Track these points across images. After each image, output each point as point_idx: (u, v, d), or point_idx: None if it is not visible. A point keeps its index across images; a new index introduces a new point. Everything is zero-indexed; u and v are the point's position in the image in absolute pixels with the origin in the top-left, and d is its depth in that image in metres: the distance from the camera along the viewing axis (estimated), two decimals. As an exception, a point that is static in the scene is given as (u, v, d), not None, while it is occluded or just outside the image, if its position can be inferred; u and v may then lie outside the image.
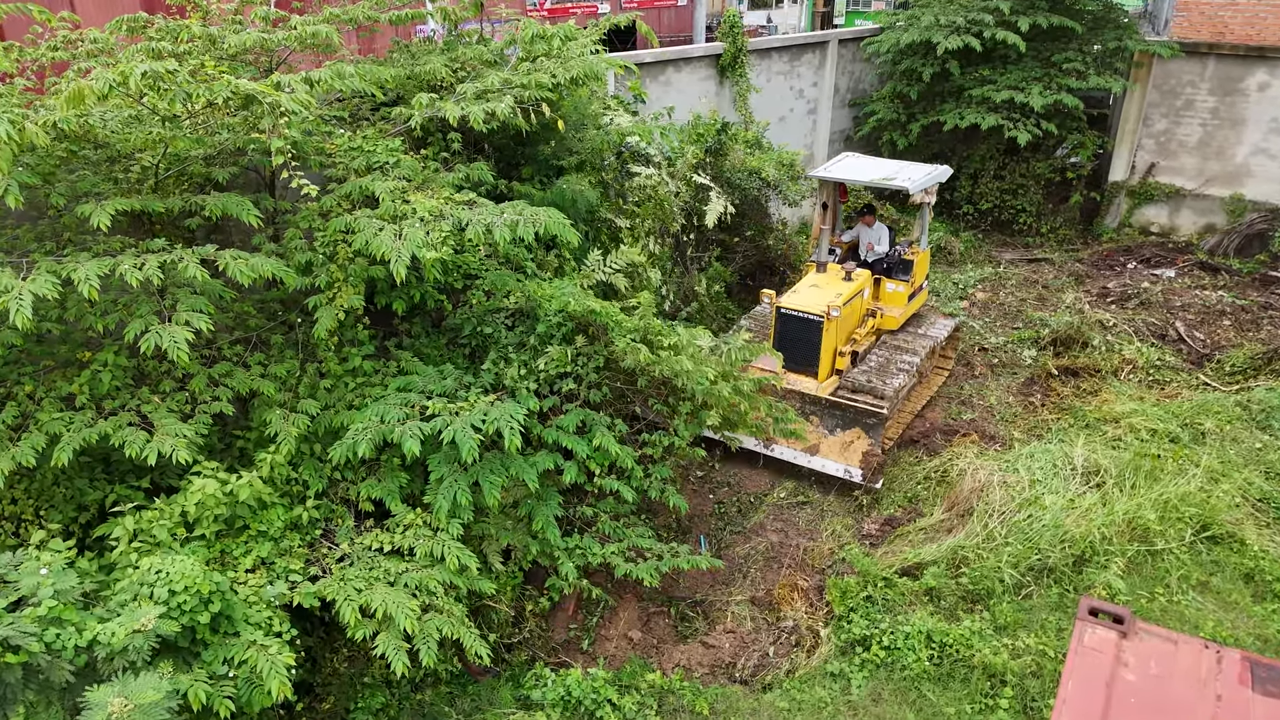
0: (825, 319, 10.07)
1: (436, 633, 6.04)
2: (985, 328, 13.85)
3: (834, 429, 10.20)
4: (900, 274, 11.57)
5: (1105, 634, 4.45)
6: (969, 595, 7.95)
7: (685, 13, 23.21)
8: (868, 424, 9.96)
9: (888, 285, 11.58)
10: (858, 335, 11.08)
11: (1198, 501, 8.58)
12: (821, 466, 10.02)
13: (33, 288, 4.99)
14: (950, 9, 16.53)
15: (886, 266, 11.66)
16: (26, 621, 4.55)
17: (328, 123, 7.91)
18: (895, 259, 11.67)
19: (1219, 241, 16.40)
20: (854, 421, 10.06)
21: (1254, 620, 7.61)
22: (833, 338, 10.37)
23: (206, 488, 5.87)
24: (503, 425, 6.48)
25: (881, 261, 11.70)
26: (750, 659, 7.83)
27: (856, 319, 11.10)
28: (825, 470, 10.01)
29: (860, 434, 10.05)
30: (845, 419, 10.11)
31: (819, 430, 10.29)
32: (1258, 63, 15.62)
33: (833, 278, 11.10)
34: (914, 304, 11.89)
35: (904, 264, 11.61)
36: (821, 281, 11.02)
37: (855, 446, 10.01)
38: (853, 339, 10.99)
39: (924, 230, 11.98)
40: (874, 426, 9.92)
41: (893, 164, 11.87)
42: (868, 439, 9.98)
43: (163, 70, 5.18)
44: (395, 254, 6.01)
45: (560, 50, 8.35)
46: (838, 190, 12.02)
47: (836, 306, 10.16)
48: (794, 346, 10.30)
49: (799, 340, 10.30)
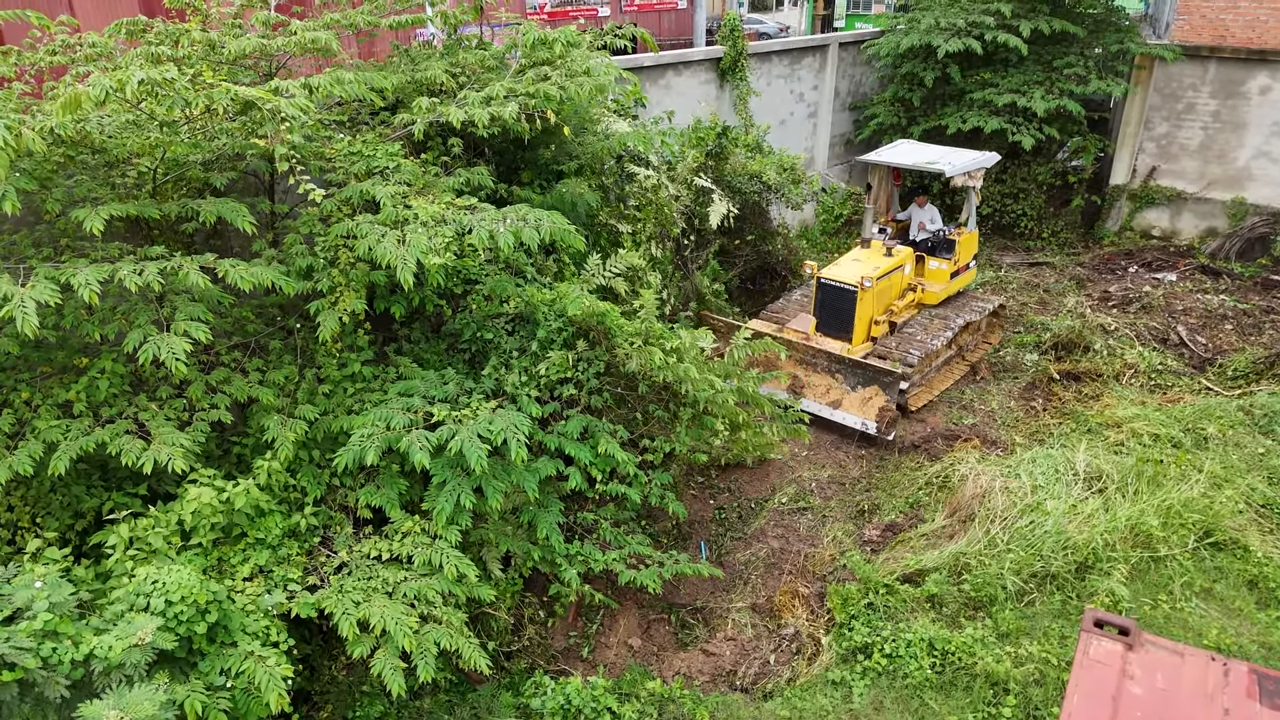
0: (859, 289, 11.21)
1: (434, 645, 5.99)
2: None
3: (855, 386, 11.09)
4: (944, 252, 12.50)
5: (1110, 646, 4.40)
6: (971, 602, 7.90)
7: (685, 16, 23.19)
8: (885, 382, 10.81)
9: (931, 263, 12.56)
10: (896, 306, 12.08)
11: (1201, 507, 8.53)
12: (842, 419, 10.98)
13: (34, 295, 4.95)
14: (951, 12, 16.50)
15: (931, 245, 12.59)
16: (22, 636, 4.50)
17: (327, 127, 7.87)
18: (940, 239, 12.56)
19: (1220, 245, 16.36)
20: (873, 380, 10.93)
21: (1258, 628, 7.57)
22: (867, 307, 11.49)
23: (203, 495, 5.83)
24: (509, 436, 6.44)
25: (927, 240, 12.61)
26: (751, 667, 7.79)
27: (896, 292, 12.12)
28: (845, 423, 10.94)
29: (878, 391, 10.89)
30: (866, 377, 11.00)
31: (842, 387, 11.18)
32: (1259, 66, 15.59)
33: (874, 253, 12.10)
34: (957, 282, 12.79)
35: (948, 243, 12.50)
36: (863, 256, 12.09)
37: (873, 402, 10.88)
38: (890, 309, 12.02)
39: (971, 213, 12.78)
40: (890, 385, 10.76)
41: (940, 150, 12.83)
42: (885, 396, 10.82)
43: (160, 78, 5.14)
44: (400, 261, 5.98)
45: (563, 56, 8.30)
46: (890, 174, 13.09)
47: (871, 278, 11.23)
48: (831, 313, 11.57)
49: (836, 307, 11.52)
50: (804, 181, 13.75)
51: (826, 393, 11.27)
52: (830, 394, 11.20)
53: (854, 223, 17.69)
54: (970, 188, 12.36)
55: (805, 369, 11.49)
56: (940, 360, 12.17)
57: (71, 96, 5.02)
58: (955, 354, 12.59)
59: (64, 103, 5.03)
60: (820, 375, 11.37)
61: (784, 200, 13.68)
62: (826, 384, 11.23)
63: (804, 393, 11.31)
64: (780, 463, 10.67)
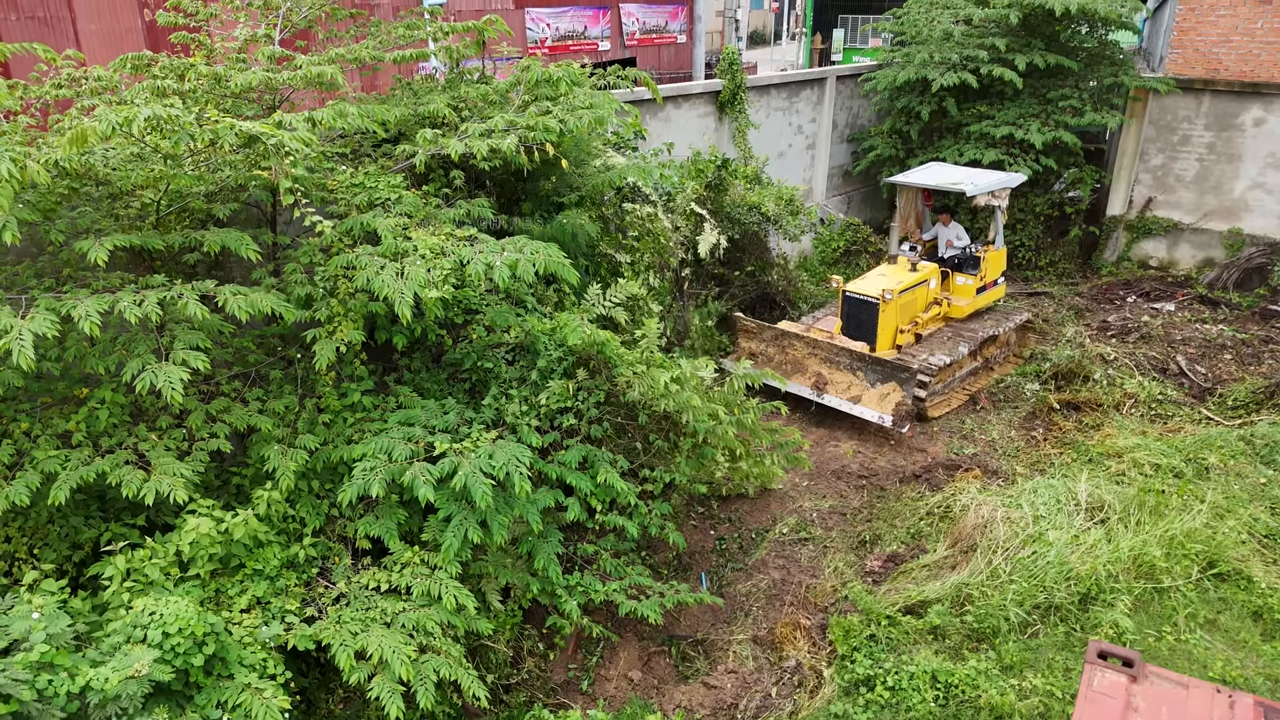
0: (881, 301, 11.99)
1: (434, 674, 5.94)
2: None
3: (875, 383, 11.77)
4: (969, 269, 13.29)
5: (1115, 678, 4.37)
6: (974, 634, 7.84)
7: (685, 50, 23.50)
8: (902, 379, 11.45)
9: (957, 278, 13.30)
10: (920, 319, 12.85)
11: (1203, 538, 8.49)
12: (861, 413, 11.68)
13: (33, 327, 4.96)
14: (946, 46, 16.72)
15: (958, 262, 13.35)
16: (18, 668, 4.47)
17: (329, 159, 7.95)
18: (966, 256, 13.34)
19: (1218, 275, 16.44)
20: (891, 376, 11.55)
21: (1264, 660, 7.50)
22: (890, 318, 12.27)
23: (201, 526, 5.80)
24: (511, 470, 6.44)
25: (954, 257, 13.36)
26: (752, 700, 7.71)
27: (921, 305, 12.91)
28: (864, 416, 11.64)
29: (896, 387, 11.53)
30: (885, 374, 11.65)
31: (863, 383, 11.86)
32: (1252, 99, 15.77)
33: (899, 268, 12.94)
34: (984, 297, 13.58)
35: (973, 260, 13.31)
36: (889, 271, 12.94)
37: (890, 398, 11.53)
38: (915, 321, 12.79)
39: (998, 232, 13.59)
40: (907, 381, 11.41)
41: (966, 171, 13.74)
42: (902, 391, 11.46)
43: (166, 114, 5.20)
44: (398, 294, 6.00)
45: (567, 93, 8.39)
46: (920, 194, 14.01)
47: (893, 291, 12.09)
48: (856, 324, 12.40)
49: (860, 319, 12.34)
50: (802, 213, 13.87)
51: (848, 389, 11.97)
52: (851, 390, 11.91)
53: (852, 253, 17.78)
54: (995, 207, 13.12)
55: (829, 367, 12.16)
56: (964, 371, 12.97)
57: (78, 132, 5.07)
58: (981, 365, 13.33)
59: (71, 138, 5.08)
60: (843, 373, 12.07)
61: (782, 231, 13.78)
62: (848, 380, 11.98)
63: (827, 389, 12.07)
64: (781, 493, 10.63)
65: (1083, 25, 16.75)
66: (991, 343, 13.39)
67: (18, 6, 11.94)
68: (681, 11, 23.00)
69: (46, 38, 12.15)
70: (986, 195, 12.68)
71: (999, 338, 13.47)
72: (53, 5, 12.26)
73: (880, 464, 11.32)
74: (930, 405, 12.22)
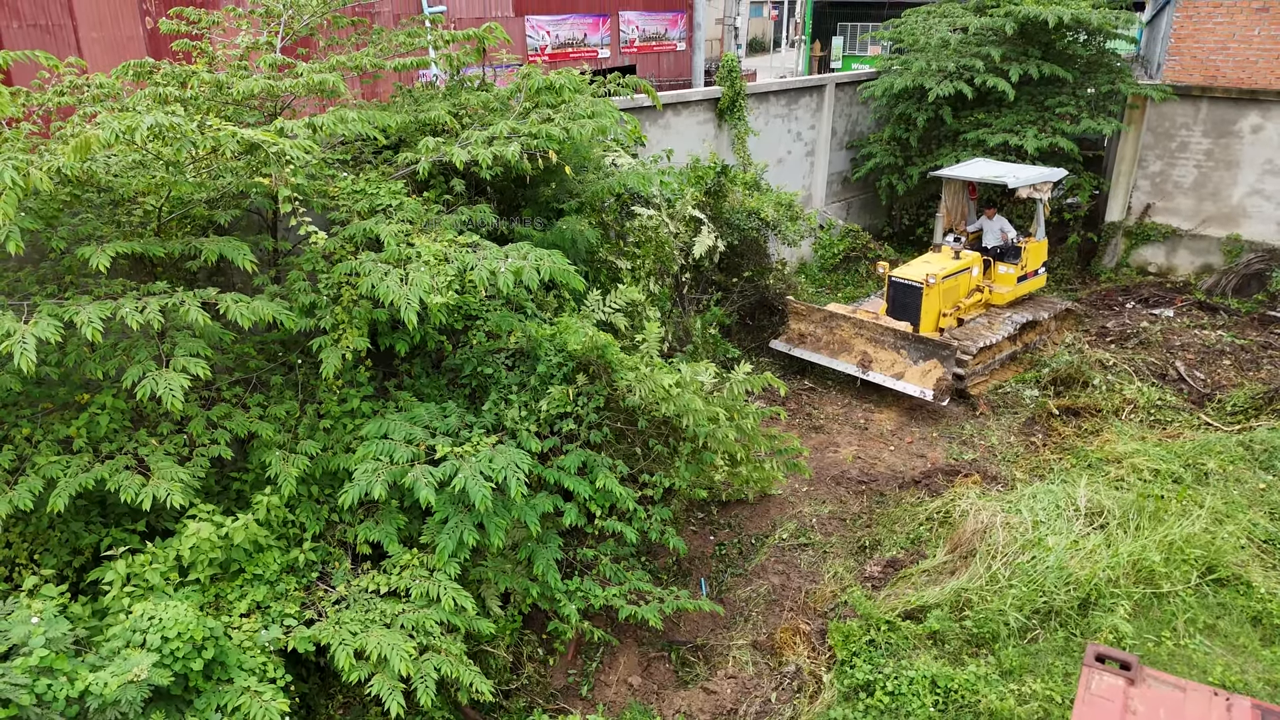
0: (925, 286, 12.68)
1: (434, 672, 5.95)
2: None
3: (917, 360, 12.41)
4: (1011, 259, 14.00)
5: (1113, 681, 4.38)
6: (973, 639, 7.84)
7: (684, 58, 23.59)
8: (943, 356, 12.09)
9: (999, 268, 14.08)
10: (963, 304, 13.57)
11: (1203, 543, 8.50)
12: (904, 388, 12.35)
13: (35, 331, 4.99)
14: (943, 55, 16.79)
15: (1000, 251, 14.14)
16: (17, 673, 4.48)
17: (331, 165, 7.98)
18: (1008, 246, 14.09)
19: (1216, 281, 16.47)
20: (933, 354, 12.20)
21: (1263, 665, 7.50)
22: (933, 302, 12.94)
23: (201, 531, 5.82)
24: (509, 475, 6.47)
25: (997, 247, 14.17)
26: (752, 705, 7.71)
27: (963, 292, 13.61)
28: (907, 391, 12.31)
29: (937, 364, 12.15)
30: (926, 351, 12.31)
31: (906, 361, 12.52)
32: (1250, 105, 15.82)
33: (943, 257, 13.64)
34: (1025, 286, 14.26)
35: (1015, 250, 14.02)
36: (933, 259, 13.64)
37: (932, 374, 12.17)
38: (957, 306, 13.48)
39: (1040, 224, 14.27)
40: (947, 358, 12.04)
41: (1009, 166, 14.38)
42: (943, 368, 12.08)
43: (168, 123, 5.23)
44: (404, 300, 6.03)
45: (570, 100, 8.43)
46: (966, 187, 14.93)
47: (936, 276, 12.79)
48: (901, 308, 13.05)
49: (904, 303, 13.00)
50: (801, 219, 13.91)
51: (891, 366, 12.62)
52: (895, 367, 12.57)
53: (851, 259, 17.82)
54: (1038, 200, 13.79)
55: (874, 345, 12.81)
56: (1004, 354, 13.52)
57: (82, 141, 5.10)
58: (1021, 349, 13.92)
59: (75, 146, 5.11)
60: (887, 351, 12.71)
61: (781, 237, 13.82)
62: (892, 359, 12.64)
63: (872, 367, 12.77)
64: (781, 498, 10.64)
65: (1079, 34, 16.82)
66: (1031, 328, 14.00)
67: (20, 14, 12.00)
68: (681, 19, 23.09)
69: (48, 45, 12.21)
70: (1029, 188, 13.39)
71: (1039, 324, 14.07)
72: (55, 13, 12.32)
73: (880, 469, 11.34)
74: (972, 385, 12.93)
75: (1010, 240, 14.13)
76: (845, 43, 33.62)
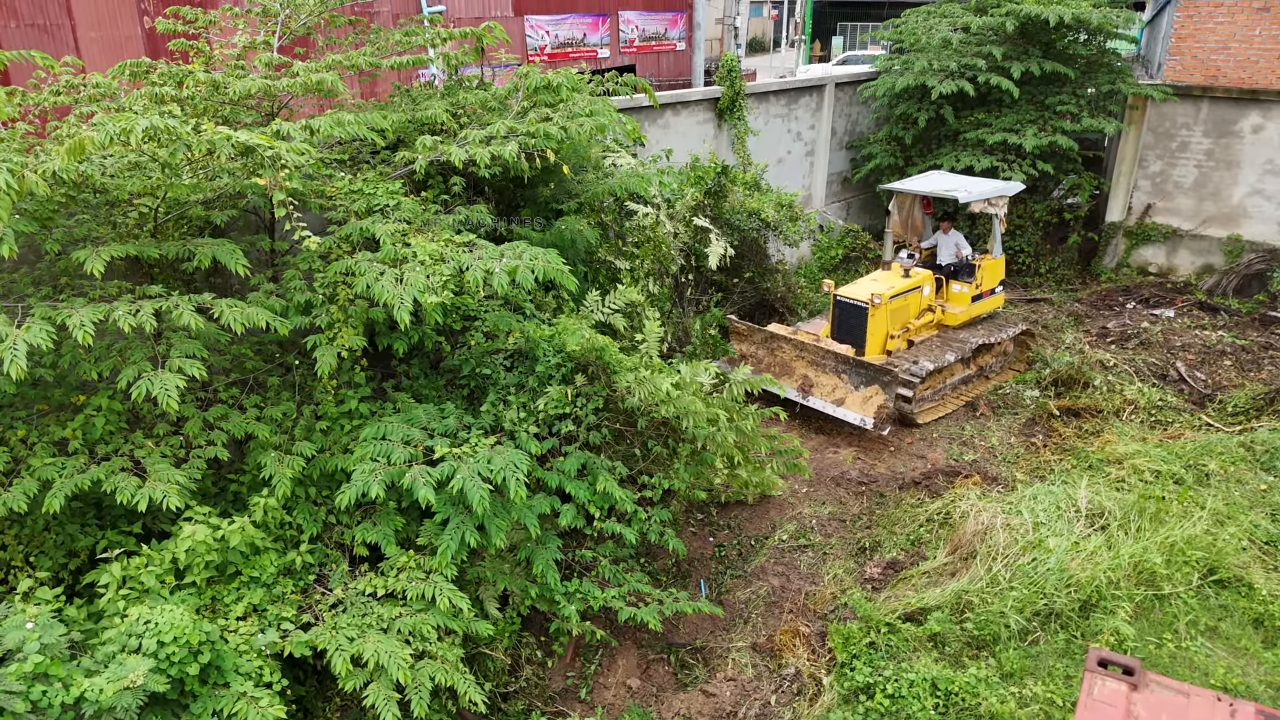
0: (870, 306, 12.05)
1: (429, 680, 5.92)
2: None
3: (858, 386, 11.81)
4: (965, 277, 13.26)
5: (1115, 686, 4.34)
6: (974, 641, 7.81)
7: (684, 57, 23.54)
8: (884, 382, 11.46)
9: (953, 286, 13.36)
10: (912, 325, 12.86)
11: (1204, 545, 8.46)
12: (843, 416, 11.76)
13: (27, 336, 4.95)
14: (944, 54, 16.75)
15: (954, 269, 13.41)
16: (12, 679, 4.44)
17: (328, 166, 7.94)
18: (962, 264, 13.36)
19: (1217, 282, 16.43)
20: (874, 379, 11.58)
21: (1265, 667, 7.47)
22: (880, 323, 12.32)
23: (197, 534, 5.78)
24: (508, 476, 6.43)
25: (951, 265, 13.45)
26: (751, 708, 7.67)
27: (913, 312, 12.90)
28: (846, 419, 11.72)
29: (878, 390, 11.55)
30: (867, 377, 11.68)
31: (847, 386, 11.90)
32: (1251, 105, 15.78)
33: (892, 275, 12.93)
34: (980, 305, 13.54)
35: (969, 268, 13.28)
36: (881, 277, 12.94)
37: (873, 400, 11.58)
38: (907, 327, 12.79)
39: (996, 240, 13.47)
40: (889, 385, 11.42)
41: (963, 179, 13.75)
42: (884, 395, 11.48)
43: (164, 125, 5.19)
44: (398, 300, 6.00)
45: (566, 100, 8.39)
46: (920, 201, 14.01)
47: (882, 296, 12.12)
48: (846, 328, 12.45)
49: (850, 323, 12.39)
50: (801, 219, 13.86)
51: (833, 391, 12.00)
52: (836, 393, 11.95)
53: (851, 259, 17.78)
54: (993, 215, 13.11)
55: (815, 369, 12.21)
56: (956, 378, 12.91)
57: (77, 142, 5.06)
58: (975, 374, 13.24)
59: (69, 148, 5.07)
60: (828, 375, 12.14)
61: (781, 237, 13.77)
62: (833, 383, 12.03)
63: (813, 392, 12.16)
64: (781, 500, 10.61)
65: (1079, 34, 16.79)
66: (986, 351, 13.30)
67: (17, 14, 11.96)
68: (681, 19, 23.05)
69: (46, 45, 12.17)
70: (982, 203, 12.71)
71: (994, 346, 13.36)
72: (53, 12, 12.28)
73: (880, 470, 11.30)
74: (920, 411, 12.23)
75: (964, 257, 13.39)
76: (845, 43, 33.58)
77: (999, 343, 13.33)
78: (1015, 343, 13.87)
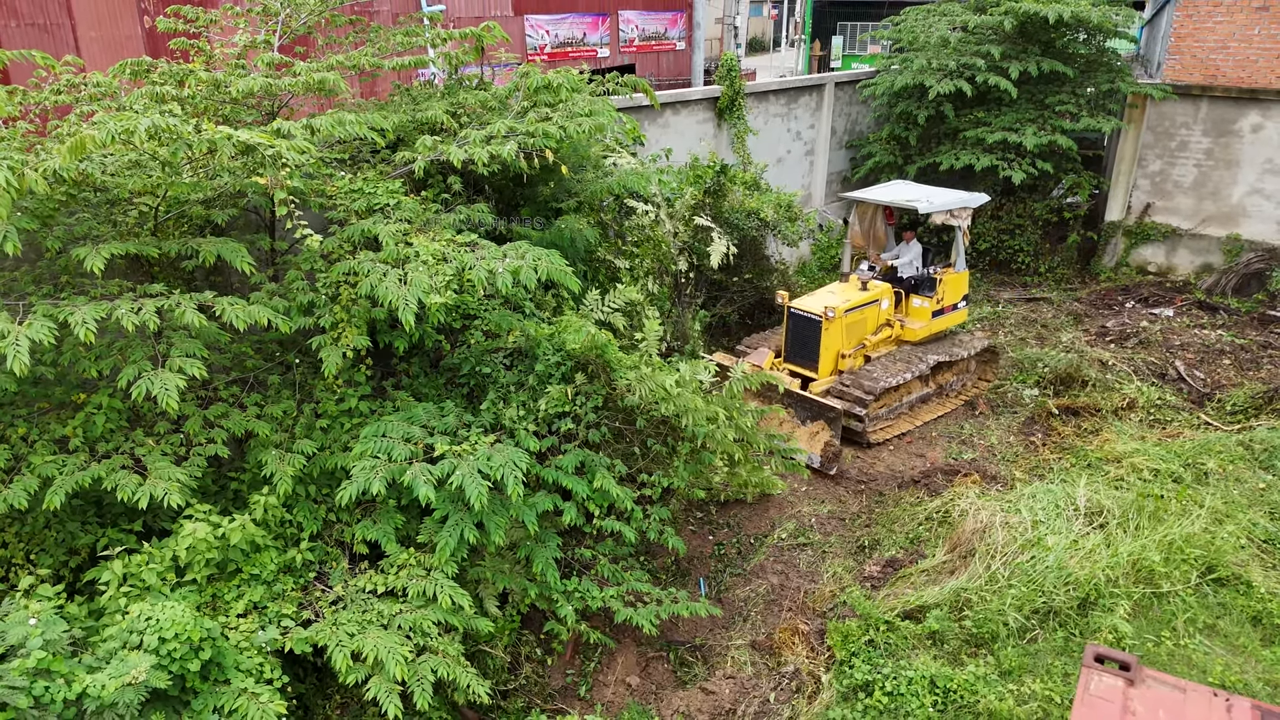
0: (824, 319, 11.49)
1: (431, 674, 5.94)
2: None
3: (805, 420, 11.27)
4: (926, 290, 12.61)
5: (1112, 682, 4.36)
6: (972, 639, 7.83)
7: (683, 57, 23.56)
8: (829, 418, 10.98)
9: (914, 300, 12.70)
10: (869, 341, 12.30)
11: (1202, 543, 8.48)
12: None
13: (29, 333, 4.97)
14: (943, 54, 16.77)
15: (915, 283, 12.72)
16: (15, 675, 4.46)
17: (328, 165, 7.96)
18: (922, 277, 12.70)
19: (1216, 281, 16.45)
20: (820, 415, 11.07)
21: (1263, 665, 7.49)
22: (834, 338, 11.78)
23: (198, 531, 5.80)
24: (507, 473, 6.45)
25: (912, 278, 12.74)
26: (751, 706, 7.69)
27: (871, 326, 12.36)
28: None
29: (824, 426, 11.03)
30: (814, 412, 11.16)
31: (793, 421, 11.31)
32: (1250, 105, 15.80)
33: (849, 287, 12.39)
34: (942, 321, 12.83)
35: (930, 281, 12.60)
36: (837, 290, 12.40)
37: (819, 436, 11.09)
38: (864, 343, 12.25)
39: (959, 253, 12.68)
40: (834, 420, 10.92)
41: (926, 189, 13.06)
42: (829, 431, 10.98)
43: (165, 125, 5.21)
44: (402, 301, 6.01)
45: (568, 99, 8.41)
46: (883, 212, 13.28)
47: (837, 309, 11.54)
48: (799, 342, 11.94)
49: (803, 337, 11.86)
50: (801, 219, 13.86)
51: (779, 426, 11.16)
52: (783, 427, 11.19)
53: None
54: (957, 227, 12.30)
55: (761, 401, 11.26)
56: (913, 396, 12.43)
57: (78, 141, 5.08)
58: (934, 391, 12.68)
59: (70, 147, 5.09)
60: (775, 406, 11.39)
61: (781, 237, 13.78)
62: (779, 417, 11.27)
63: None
64: (780, 498, 10.62)
65: (1079, 32, 16.80)
66: (947, 368, 12.70)
67: (18, 13, 11.98)
68: (680, 18, 23.07)
69: (46, 44, 12.19)
70: (944, 214, 12.01)
71: (954, 364, 12.74)
72: (53, 12, 12.30)
73: (879, 469, 11.32)
74: (873, 430, 11.75)
75: (921, 270, 12.75)
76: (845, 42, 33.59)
77: (960, 359, 12.65)
78: (978, 359, 13.21)
